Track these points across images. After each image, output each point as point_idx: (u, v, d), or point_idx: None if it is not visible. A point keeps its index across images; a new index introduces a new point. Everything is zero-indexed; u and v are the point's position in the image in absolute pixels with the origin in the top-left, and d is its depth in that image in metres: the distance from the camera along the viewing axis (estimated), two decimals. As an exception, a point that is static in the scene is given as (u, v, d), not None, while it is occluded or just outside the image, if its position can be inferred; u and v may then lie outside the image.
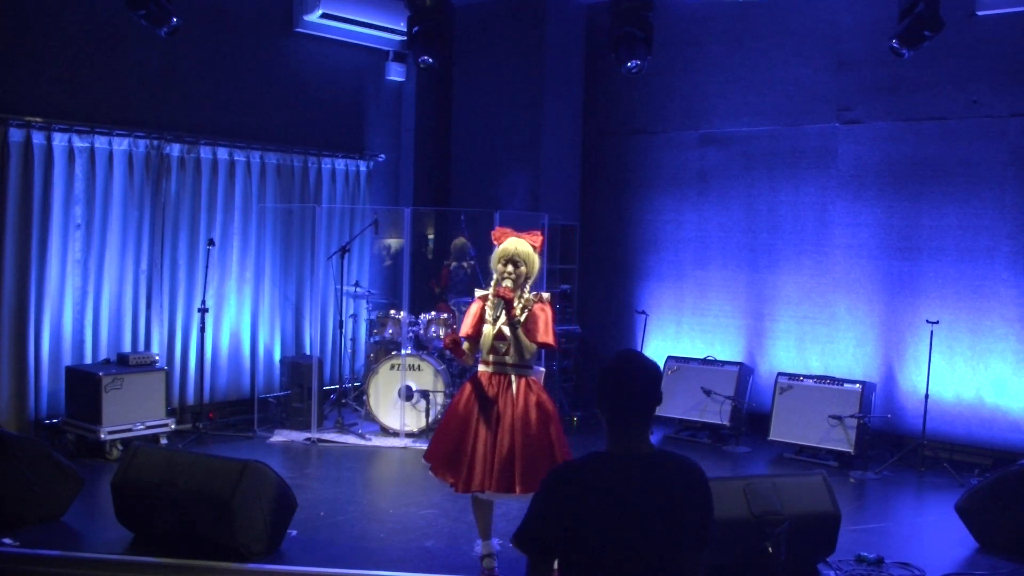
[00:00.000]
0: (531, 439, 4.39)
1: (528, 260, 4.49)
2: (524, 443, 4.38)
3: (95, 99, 7.13)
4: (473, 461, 4.41)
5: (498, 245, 4.57)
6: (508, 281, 4.45)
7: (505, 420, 4.41)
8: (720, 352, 8.31)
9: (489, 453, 4.39)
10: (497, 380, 4.50)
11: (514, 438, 4.38)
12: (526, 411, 4.42)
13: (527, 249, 4.50)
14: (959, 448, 7.12)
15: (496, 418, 4.42)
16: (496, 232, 4.66)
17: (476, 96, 9.19)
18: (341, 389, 8.30)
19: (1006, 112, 6.99)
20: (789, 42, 8.05)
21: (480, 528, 4.74)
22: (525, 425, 4.40)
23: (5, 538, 4.84)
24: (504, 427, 4.40)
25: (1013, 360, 6.96)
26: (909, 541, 5.49)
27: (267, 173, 8.28)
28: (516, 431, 4.38)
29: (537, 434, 4.41)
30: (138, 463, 4.94)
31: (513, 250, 4.48)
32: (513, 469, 4.35)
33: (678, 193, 8.79)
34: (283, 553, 4.85)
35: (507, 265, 4.47)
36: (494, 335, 4.49)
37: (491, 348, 4.51)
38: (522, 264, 4.47)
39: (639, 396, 2.46)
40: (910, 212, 7.45)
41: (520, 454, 4.36)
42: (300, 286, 8.60)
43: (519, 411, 4.42)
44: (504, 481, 4.36)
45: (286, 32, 8.43)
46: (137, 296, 7.43)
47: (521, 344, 4.41)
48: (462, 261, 8.38)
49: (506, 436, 4.38)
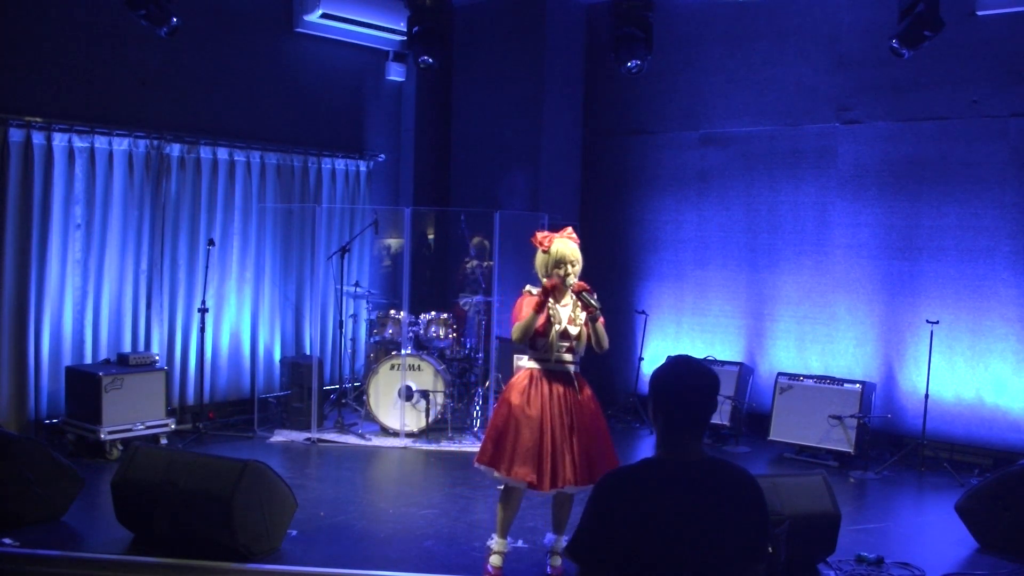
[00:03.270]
0: (599, 431, 4.57)
1: (578, 260, 4.65)
2: (595, 435, 4.54)
3: (95, 99, 7.13)
4: (554, 457, 4.44)
5: (546, 250, 4.63)
6: (573, 278, 4.60)
7: (580, 414, 4.52)
8: (720, 352, 8.31)
9: (571, 448, 4.47)
10: (558, 378, 4.58)
11: (588, 431, 4.52)
12: (585, 404, 4.58)
13: (576, 249, 4.65)
14: (959, 448, 7.12)
15: (571, 412, 4.52)
16: (540, 237, 4.70)
17: (476, 96, 9.19)
18: (341, 389, 8.30)
19: (1006, 112, 6.99)
20: (789, 42, 8.06)
21: (503, 526, 4.67)
22: (593, 418, 4.57)
23: (5, 538, 4.84)
24: (581, 421, 4.51)
25: (1013, 360, 6.96)
26: (909, 541, 5.49)
27: (267, 173, 8.28)
28: (586, 425, 4.53)
29: (597, 427, 4.59)
30: (138, 463, 4.94)
31: (569, 252, 4.60)
32: (591, 462, 4.47)
33: (678, 193, 8.79)
34: (283, 553, 4.85)
35: (563, 267, 4.59)
36: (559, 334, 4.56)
37: (555, 347, 4.57)
38: (577, 263, 4.63)
39: (693, 403, 2.41)
40: (910, 212, 7.45)
41: (593, 448, 4.50)
42: (300, 286, 8.60)
43: (585, 405, 4.56)
44: (584, 475, 4.44)
45: (286, 32, 8.43)
46: (137, 296, 7.43)
47: (599, 337, 4.60)
48: (483, 261, 8.35)
49: (583, 430, 4.51)
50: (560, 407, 4.49)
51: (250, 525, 4.67)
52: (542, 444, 4.44)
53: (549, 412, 4.48)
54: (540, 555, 4.84)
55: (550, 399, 4.50)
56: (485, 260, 8.35)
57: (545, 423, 4.46)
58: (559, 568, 4.68)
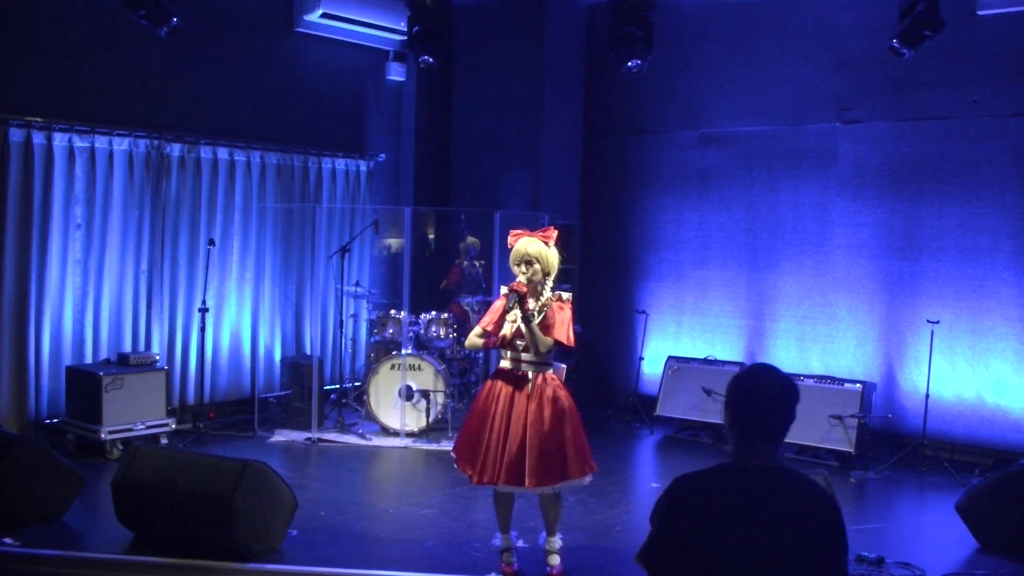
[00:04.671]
0: (543, 434, 4.47)
1: (542, 257, 4.57)
2: (536, 438, 4.45)
3: (95, 99, 7.13)
4: (487, 454, 4.50)
5: (509, 245, 4.67)
6: (523, 278, 4.57)
7: (518, 415, 4.50)
8: (720, 352, 8.31)
9: (501, 447, 4.48)
10: (516, 377, 4.60)
11: (526, 432, 4.46)
12: (540, 406, 4.51)
13: (538, 247, 4.58)
14: (959, 448, 7.11)
15: (511, 412, 4.52)
16: (511, 236, 4.72)
17: (476, 96, 9.19)
18: (341, 389, 8.30)
19: (1007, 112, 6.98)
20: (789, 42, 8.05)
21: (499, 522, 4.81)
22: (538, 420, 4.49)
23: (5, 538, 4.84)
24: (517, 421, 4.49)
25: (1014, 360, 6.96)
26: (910, 541, 5.49)
27: (267, 173, 8.28)
28: (529, 425, 4.47)
29: (550, 429, 4.49)
30: (138, 463, 4.94)
31: (524, 250, 4.57)
32: (524, 463, 4.43)
33: (678, 193, 8.79)
34: (283, 553, 4.85)
35: (521, 265, 4.58)
36: (513, 332, 4.58)
37: (510, 344, 4.61)
38: (535, 262, 4.56)
39: (770, 411, 2.38)
40: (911, 212, 7.45)
41: (531, 449, 4.44)
42: (300, 286, 8.60)
43: (533, 406, 4.51)
44: (514, 475, 4.43)
45: (286, 32, 8.43)
46: (137, 296, 7.43)
47: (536, 339, 4.50)
48: (473, 260, 8.36)
49: (518, 430, 4.47)
50: (504, 406, 4.53)
51: (250, 525, 4.67)
52: (480, 439, 4.54)
53: (492, 410, 4.55)
54: (539, 555, 4.84)
55: (498, 398, 4.57)
56: (476, 260, 8.34)
57: (488, 419, 4.55)
58: (557, 567, 4.68)
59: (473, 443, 4.59)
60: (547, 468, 4.44)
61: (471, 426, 4.67)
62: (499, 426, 4.51)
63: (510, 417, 4.51)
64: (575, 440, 4.55)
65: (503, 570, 4.69)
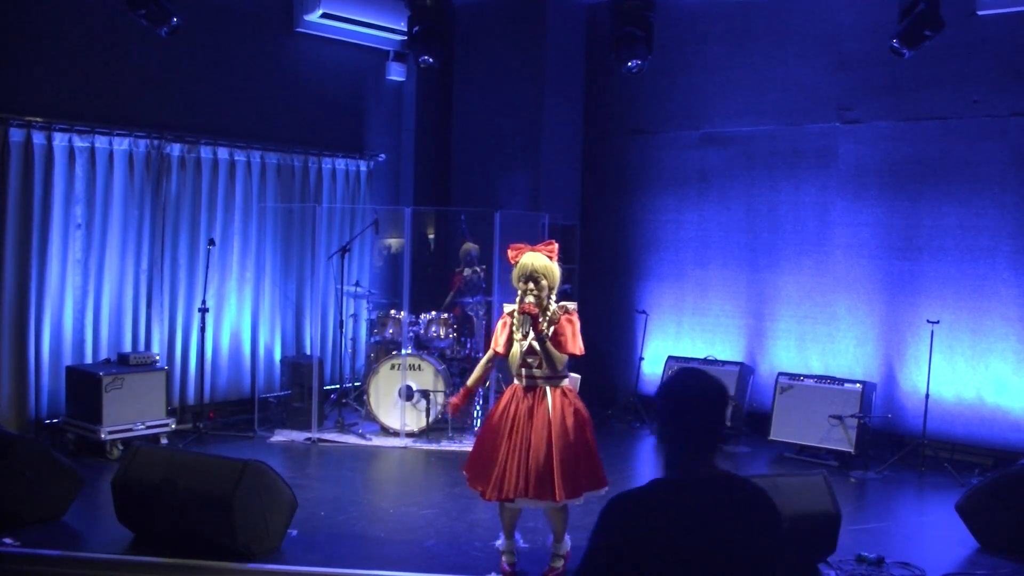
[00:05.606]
0: (570, 445, 4.44)
1: (548, 273, 4.54)
2: (563, 450, 4.41)
3: (95, 99, 7.13)
4: (505, 469, 4.43)
5: (515, 263, 4.61)
6: (531, 297, 4.50)
7: (540, 429, 4.44)
8: (720, 352, 8.31)
9: (523, 461, 4.40)
10: (531, 394, 4.54)
11: (552, 446, 4.41)
12: (563, 418, 4.47)
13: (544, 262, 4.55)
14: (959, 448, 7.11)
15: (531, 427, 4.46)
16: (511, 251, 4.68)
17: (476, 96, 9.19)
18: (341, 389, 8.30)
19: (1006, 112, 6.98)
20: (789, 42, 8.05)
21: (505, 528, 4.77)
22: (563, 432, 4.45)
23: (5, 538, 4.84)
24: (540, 435, 4.43)
25: (1014, 360, 6.96)
26: (910, 541, 5.49)
27: (267, 173, 8.28)
28: (555, 438, 4.42)
29: (575, 440, 4.46)
30: (138, 463, 4.94)
31: (531, 266, 4.52)
32: (552, 477, 4.37)
33: (678, 193, 8.79)
34: (283, 553, 4.85)
35: (527, 282, 4.52)
36: (524, 351, 4.54)
37: (522, 363, 4.57)
38: (542, 278, 4.52)
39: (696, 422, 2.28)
40: (911, 212, 7.45)
41: (559, 461, 4.39)
42: (300, 286, 8.60)
43: (556, 418, 4.46)
44: (544, 489, 4.37)
45: (286, 32, 8.43)
46: (137, 296, 7.43)
47: (552, 357, 4.47)
48: (473, 267, 8.31)
49: (542, 444, 4.41)
50: (522, 422, 4.47)
51: (250, 525, 4.67)
52: (495, 454, 4.47)
53: (508, 427, 4.49)
54: (541, 555, 4.84)
55: (513, 416, 4.51)
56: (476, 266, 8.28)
57: (503, 434, 4.49)
58: (560, 569, 4.68)
59: (486, 460, 4.52)
60: (575, 479, 4.40)
61: (484, 443, 4.61)
62: (519, 441, 4.44)
63: (530, 432, 4.44)
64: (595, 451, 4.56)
65: (503, 570, 4.69)
